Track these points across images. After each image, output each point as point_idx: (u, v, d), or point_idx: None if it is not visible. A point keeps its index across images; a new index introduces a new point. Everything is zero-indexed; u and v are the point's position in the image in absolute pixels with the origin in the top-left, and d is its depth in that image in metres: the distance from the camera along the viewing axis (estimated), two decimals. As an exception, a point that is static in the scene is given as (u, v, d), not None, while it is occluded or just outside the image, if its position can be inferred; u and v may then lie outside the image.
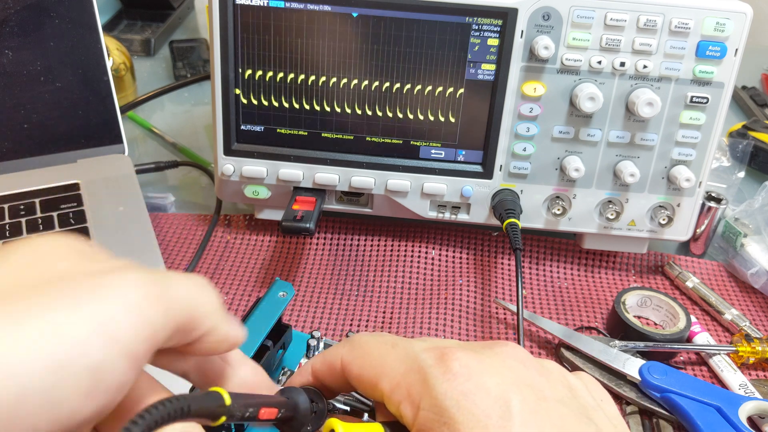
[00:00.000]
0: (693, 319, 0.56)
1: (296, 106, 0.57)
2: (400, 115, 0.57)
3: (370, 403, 0.39)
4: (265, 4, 0.54)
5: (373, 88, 0.56)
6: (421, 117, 0.57)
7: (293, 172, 0.59)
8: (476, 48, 0.54)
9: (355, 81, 0.56)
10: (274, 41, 0.55)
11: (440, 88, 0.56)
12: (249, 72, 0.56)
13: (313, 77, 0.56)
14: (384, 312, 0.57)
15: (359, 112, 0.57)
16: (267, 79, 0.57)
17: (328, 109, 0.57)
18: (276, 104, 0.57)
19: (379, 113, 0.57)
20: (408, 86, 0.56)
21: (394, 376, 0.29)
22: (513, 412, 0.27)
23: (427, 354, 0.28)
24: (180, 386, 0.30)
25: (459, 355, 0.28)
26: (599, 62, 0.54)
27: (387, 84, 0.56)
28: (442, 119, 0.57)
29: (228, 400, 0.26)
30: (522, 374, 0.29)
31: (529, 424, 0.26)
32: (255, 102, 0.58)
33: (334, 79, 0.56)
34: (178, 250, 0.62)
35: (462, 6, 0.53)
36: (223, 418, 0.26)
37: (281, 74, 0.56)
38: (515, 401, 0.27)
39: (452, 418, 0.26)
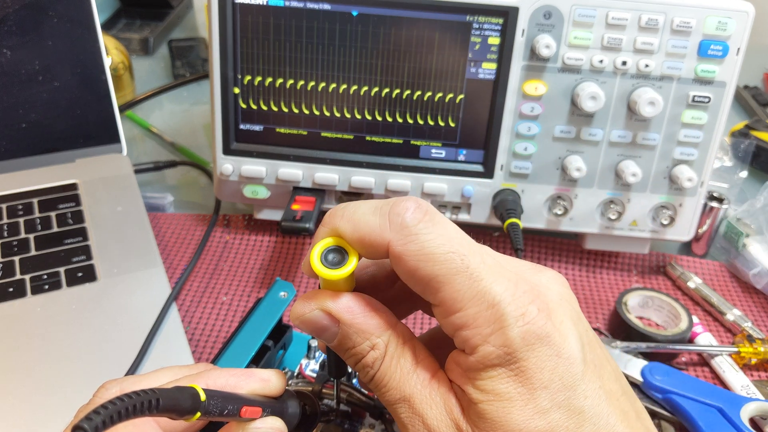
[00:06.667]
0: (695, 319, 0.56)
1: (296, 111, 0.57)
2: (400, 120, 0.57)
3: (372, 403, 0.39)
4: (265, 3, 0.54)
5: (372, 94, 0.56)
6: (421, 121, 0.57)
7: (293, 171, 0.58)
8: (477, 47, 0.54)
9: (355, 86, 0.56)
10: (274, 40, 0.55)
11: (441, 88, 0.56)
12: (248, 78, 0.56)
13: (312, 83, 0.56)
14: (384, 312, 0.57)
15: (359, 117, 0.57)
16: (266, 84, 0.56)
17: (327, 114, 0.57)
18: (275, 109, 0.57)
19: (379, 118, 0.57)
20: (408, 88, 0.56)
21: (460, 299, 0.27)
22: (584, 360, 0.28)
23: (505, 292, 0.27)
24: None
25: (535, 298, 0.28)
26: (601, 61, 0.53)
27: (387, 89, 0.56)
28: (442, 119, 0.57)
29: (203, 396, 0.25)
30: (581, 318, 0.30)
31: (594, 380, 0.28)
32: (254, 107, 0.57)
33: (333, 85, 0.56)
34: (176, 251, 0.62)
35: (463, 5, 0.52)
36: (198, 415, 0.25)
37: (280, 80, 0.56)
38: (584, 351, 0.28)
39: (522, 360, 0.27)
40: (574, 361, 0.27)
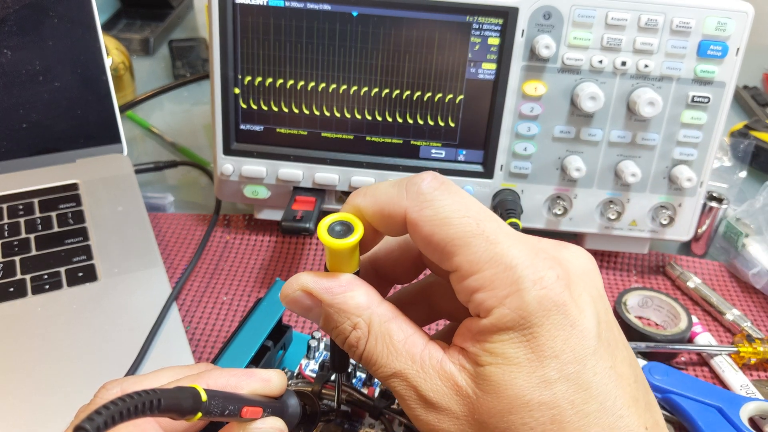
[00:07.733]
0: (694, 319, 0.56)
1: (296, 111, 0.57)
2: (400, 120, 0.57)
3: (372, 402, 0.39)
4: (265, 4, 0.54)
5: (372, 94, 0.56)
6: (421, 121, 0.57)
7: (293, 171, 0.59)
8: (477, 47, 0.54)
9: (355, 87, 0.56)
10: (274, 41, 0.55)
11: (440, 88, 0.56)
12: (249, 78, 0.56)
13: (312, 83, 0.56)
14: (384, 312, 0.57)
15: (359, 117, 0.57)
16: (267, 84, 0.56)
17: (327, 114, 0.57)
18: (276, 109, 0.57)
19: (379, 118, 0.57)
20: (408, 88, 0.56)
21: (477, 261, 0.27)
22: (597, 333, 0.27)
23: (522, 255, 0.27)
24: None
25: (554, 264, 0.28)
26: (600, 61, 0.53)
27: (387, 90, 0.56)
28: (442, 119, 0.57)
29: (204, 397, 0.26)
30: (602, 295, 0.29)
31: (606, 355, 0.27)
32: (255, 107, 0.57)
33: (333, 85, 0.56)
34: (177, 251, 0.62)
35: (462, 5, 0.53)
36: (199, 415, 0.25)
37: (281, 80, 0.56)
38: (600, 328, 0.28)
39: (536, 326, 0.27)
40: (587, 335, 0.27)
